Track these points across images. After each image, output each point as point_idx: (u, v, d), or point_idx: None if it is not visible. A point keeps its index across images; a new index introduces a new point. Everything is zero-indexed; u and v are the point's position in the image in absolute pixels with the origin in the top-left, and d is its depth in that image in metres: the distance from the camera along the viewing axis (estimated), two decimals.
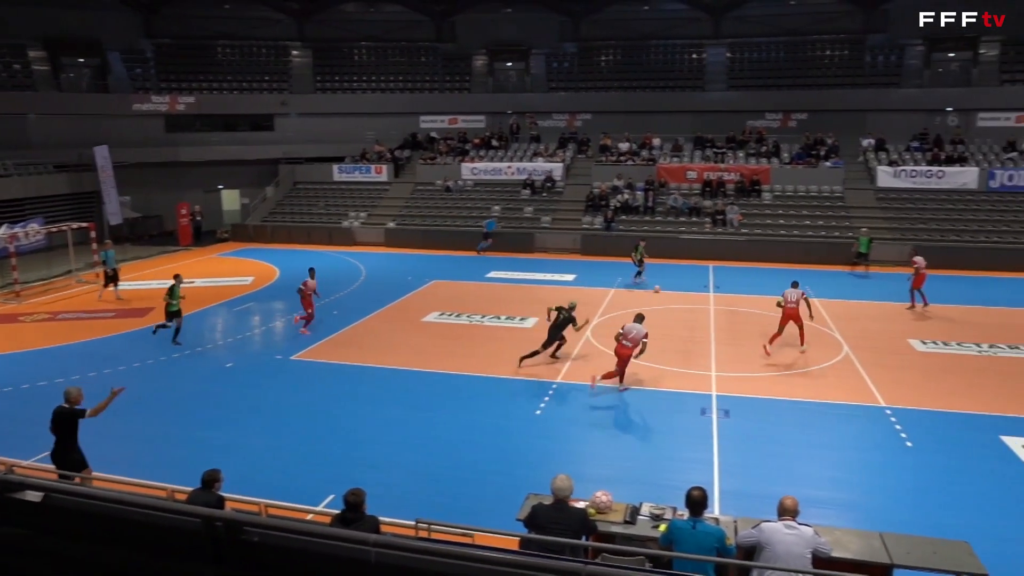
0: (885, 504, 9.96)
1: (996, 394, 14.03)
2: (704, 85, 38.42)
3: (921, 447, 11.69)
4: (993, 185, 30.26)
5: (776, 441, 11.87)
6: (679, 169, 33.19)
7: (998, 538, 8.90)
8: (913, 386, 14.45)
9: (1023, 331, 18.42)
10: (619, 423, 12.68)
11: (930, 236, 28.16)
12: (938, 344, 17.27)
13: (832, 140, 33.52)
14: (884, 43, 37.00)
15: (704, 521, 6.43)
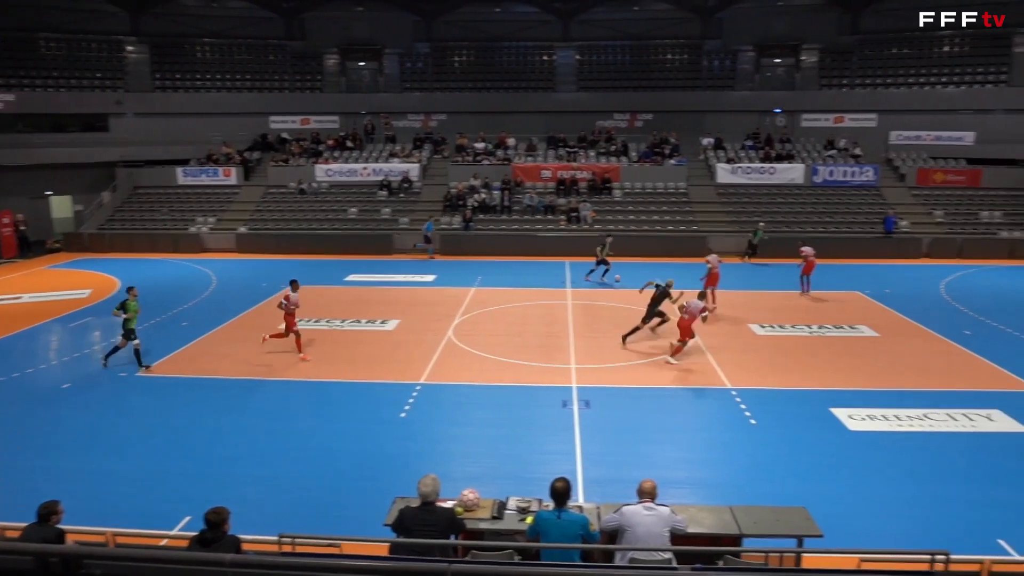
0: (734, 479, 10.63)
1: (825, 370, 15.32)
2: (555, 86, 39.44)
3: (763, 424, 12.57)
4: (817, 180, 32.99)
5: (634, 428, 12.39)
6: (534, 168, 33.89)
7: (831, 500, 9.73)
8: (754, 368, 15.50)
9: (845, 312, 20.23)
10: (484, 421, 12.78)
11: (764, 228, 30.25)
12: (775, 328, 18.63)
13: (675, 139, 35.37)
14: (719, 49, 39.43)
15: (569, 510, 6.61)
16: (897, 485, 10.40)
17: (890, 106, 36.02)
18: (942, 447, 11.68)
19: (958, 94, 35.44)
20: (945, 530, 9.14)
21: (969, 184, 33.01)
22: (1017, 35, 35.54)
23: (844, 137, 35.44)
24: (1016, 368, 15.42)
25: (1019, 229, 30.37)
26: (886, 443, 11.82)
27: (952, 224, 30.97)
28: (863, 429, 12.32)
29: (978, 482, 10.49)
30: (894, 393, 13.96)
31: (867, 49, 37.81)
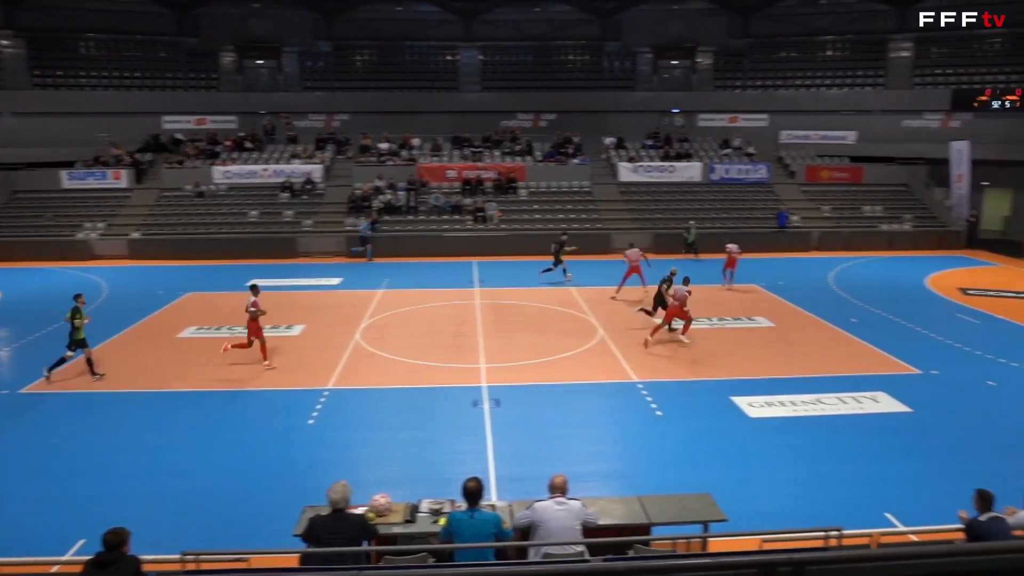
0: (642, 470, 10.91)
1: (726, 361, 15.92)
2: (460, 86, 39.43)
3: (669, 415, 12.95)
4: (714, 178, 34.23)
5: (544, 424, 12.52)
6: (439, 168, 33.77)
7: (734, 485, 10.11)
8: (659, 361, 15.95)
9: (743, 304, 21.07)
10: (394, 424, 12.64)
11: (666, 225, 31.21)
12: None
13: (579, 139, 35.95)
14: (619, 50, 40.34)
15: (481, 509, 6.61)
16: (794, 467, 10.92)
17: (780, 107, 37.76)
18: (834, 429, 12.33)
19: (841, 96, 37.49)
20: (839, 507, 9.64)
21: (852, 181, 34.97)
22: (891, 41, 37.94)
23: (738, 136, 36.90)
24: (898, 352, 16.46)
25: (897, 222, 32.41)
26: (783, 428, 12.38)
27: (838, 218, 32.74)
28: (762, 416, 12.87)
29: (867, 460, 11.13)
30: (789, 380, 14.64)
31: (758, 52, 39.51)
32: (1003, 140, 33.55)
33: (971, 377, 15.02)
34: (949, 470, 10.76)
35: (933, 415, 12.93)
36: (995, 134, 33.76)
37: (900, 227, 32.15)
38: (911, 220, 32.57)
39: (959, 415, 13.01)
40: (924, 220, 32.73)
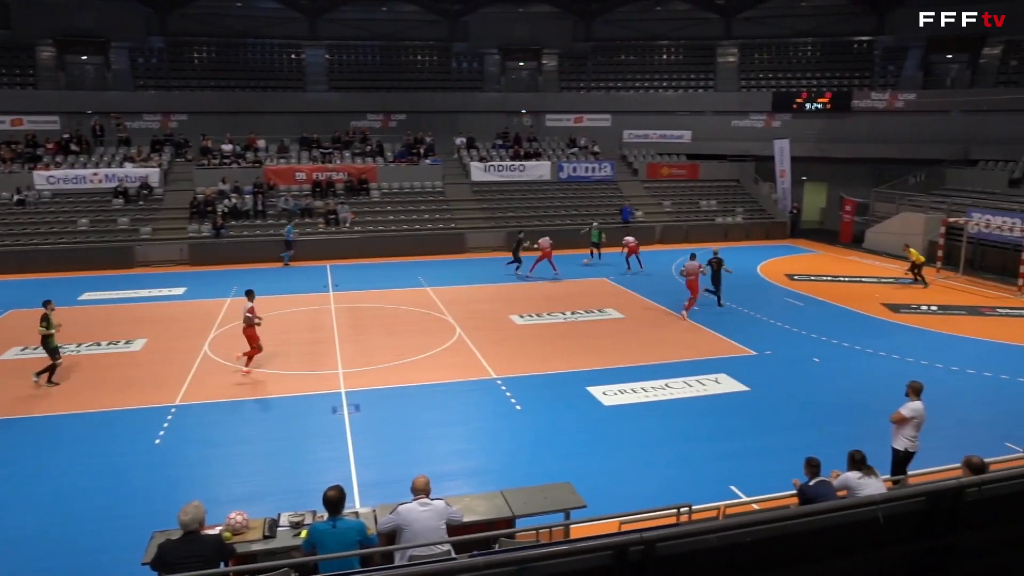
0: (505, 464, 11.06)
1: (580, 353, 16.44)
2: (306, 86, 38.26)
3: (528, 408, 13.21)
4: (563, 176, 35.24)
5: (406, 426, 12.42)
6: (287, 170, 32.64)
7: (593, 472, 10.48)
8: (517, 356, 16.23)
9: (594, 297, 21.84)
10: (250, 437, 12.12)
11: (519, 223, 31.75)
12: (533, 317, 19.64)
13: (430, 139, 35.88)
14: (467, 51, 40.60)
15: (344, 518, 6.47)
16: (647, 450, 11.46)
17: (622, 107, 39.41)
18: (682, 411, 13.06)
19: (676, 97, 39.64)
20: (689, 484, 10.22)
21: (690, 177, 37.12)
22: (719, 47, 40.58)
23: (584, 136, 38.18)
24: (735, 336, 17.65)
25: (731, 215, 34.72)
26: (636, 414, 12.96)
27: (679, 213, 34.63)
28: (616, 403, 13.40)
29: (712, 438, 11.87)
30: (639, 368, 15.33)
31: (599, 55, 41.02)
32: (817, 139, 36.77)
33: (799, 355, 16.35)
34: (784, 441, 11.66)
35: (768, 392, 13.98)
36: (811, 133, 36.93)
37: (733, 220, 34.45)
38: (742, 213, 34.98)
39: (790, 390, 14.14)
40: (754, 213, 35.25)
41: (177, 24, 37.06)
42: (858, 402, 13.41)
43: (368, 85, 38.53)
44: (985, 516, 3.82)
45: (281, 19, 38.12)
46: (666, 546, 3.30)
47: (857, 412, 12.86)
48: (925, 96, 35.48)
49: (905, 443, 9.54)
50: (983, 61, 35.77)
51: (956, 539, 3.74)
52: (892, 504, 3.69)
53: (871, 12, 38.17)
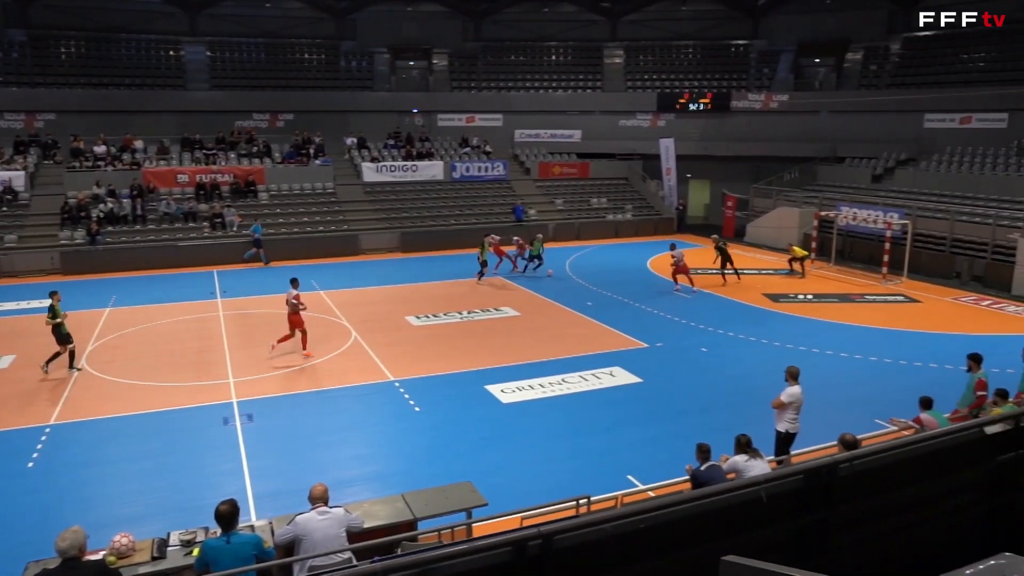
0: (405, 467, 10.96)
1: (478, 352, 16.50)
2: (186, 84, 36.58)
3: (427, 409, 13.15)
4: (455, 176, 35.23)
5: (302, 434, 12.11)
6: (168, 173, 31.12)
7: (493, 470, 10.54)
8: (414, 358, 16.12)
9: (490, 296, 21.96)
10: (135, 454, 11.49)
11: (412, 223, 31.57)
12: (429, 317, 19.55)
13: (319, 139, 35.07)
14: (356, 50, 39.91)
15: (239, 532, 6.24)
16: (547, 445, 11.63)
17: (513, 107, 39.76)
18: (579, 405, 13.32)
19: (566, 97, 40.35)
20: (588, 476, 10.44)
21: (580, 176, 37.89)
22: (606, 48, 41.61)
23: (476, 136, 38.30)
24: (628, 329, 18.17)
25: (621, 212, 35.69)
26: (534, 410, 13.13)
27: (570, 210, 35.29)
28: (515, 400, 13.53)
29: (609, 430, 12.17)
30: (537, 364, 15.54)
31: (490, 55, 41.24)
32: (700, 137, 38.32)
33: (689, 345, 17.01)
34: (677, 429, 12.09)
35: (660, 382, 14.47)
36: (694, 132, 38.44)
37: (623, 217, 35.42)
38: (632, 210, 36.02)
39: (681, 380, 14.70)
40: (642, 209, 36.36)
41: (41, 16, 34.66)
42: (744, 388, 14.08)
43: (253, 84, 37.24)
44: (857, 489, 4.09)
45: (158, 13, 36.33)
46: (564, 538, 3.36)
47: (743, 397, 13.50)
48: (797, 98, 37.59)
49: (786, 425, 10.12)
50: (847, 65, 38.25)
51: (831, 512, 3.99)
52: (773, 483, 3.90)
53: (746, 18, 40.13)
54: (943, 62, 34.93)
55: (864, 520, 4.13)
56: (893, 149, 33.65)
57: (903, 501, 4.28)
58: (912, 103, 33.71)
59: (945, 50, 35.28)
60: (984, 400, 10.58)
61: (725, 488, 3.92)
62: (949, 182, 29.78)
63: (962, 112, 32.66)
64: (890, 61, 37.09)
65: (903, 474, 4.27)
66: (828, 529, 4.01)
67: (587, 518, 3.54)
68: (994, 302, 21.58)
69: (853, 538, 4.11)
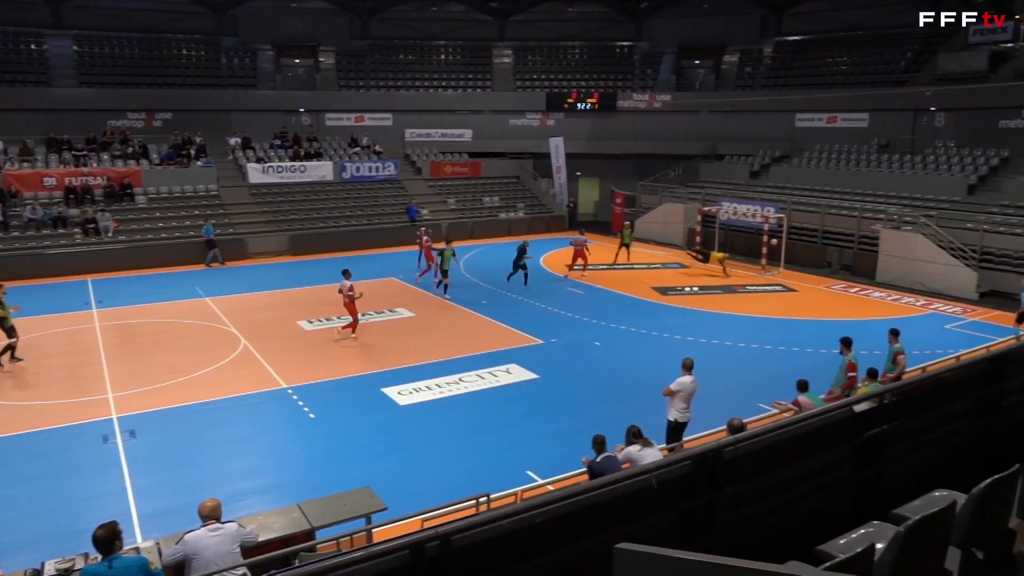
0: (301, 476, 10.68)
1: (373, 354, 16.28)
2: (51, 80, 34.16)
3: (322, 416, 12.86)
4: (345, 176, 34.56)
5: (190, 448, 11.59)
6: (33, 176, 29.01)
7: (392, 473, 10.44)
8: (308, 363, 15.73)
9: (382, 297, 21.69)
10: (3, 479, 10.67)
11: (302, 226, 30.75)
12: (322, 321, 19.12)
13: (200, 139, 33.60)
14: (238, 46, 38.46)
15: (121, 556, 5.91)
16: (447, 445, 11.61)
17: (403, 107, 39.37)
18: (477, 404, 13.38)
19: (456, 97, 40.32)
20: (489, 473, 10.50)
21: (472, 175, 38.00)
22: (495, 48, 41.86)
23: (366, 135, 37.69)
24: (523, 326, 18.38)
25: (513, 211, 36.03)
26: (432, 410, 13.09)
27: (463, 210, 35.33)
28: (412, 402, 13.44)
29: (507, 427, 12.28)
30: (433, 365, 15.48)
31: (378, 53, 40.68)
32: (588, 136, 39.18)
33: (582, 340, 17.38)
34: (573, 423, 12.33)
35: (556, 378, 14.72)
36: (582, 131, 39.25)
37: (516, 215, 35.77)
38: (524, 208, 36.42)
39: (576, 374, 15.01)
40: (534, 208, 36.84)
41: None
42: (636, 379, 14.52)
43: (127, 80, 35.19)
44: (740, 471, 4.30)
45: (16, 4, 33.75)
46: (462, 538, 3.37)
47: (636, 388, 13.91)
48: (678, 98, 39.02)
49: (676, 414, 10.51)
50: (724, 67, 40.05)
51: (718, 495, 4.18)
52: (663, 470, 4.05)
53: (630, 20, 41.32)
54: (811, 65, 37.13)
55: (747, 500, 4.35)
56: (768, 147, 35.53)
57: (783, 479, 4.53)
58: (784, 103, 35.66)
59: (812, 54, 37.53)
60: (855, 380, 11.36)
61: (618, 478, 4.02)
62: (819, 177, 31.74)
63: (828, 112, 34.81)
64: (763, 63, 39.11)
65: (782, 454, 4.53)
66: (714, 511, 4.20)
67: (485, 516, 3.56)
68: (861, 289, 23.18)
69: (737, 517, 4.32)
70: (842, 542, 4.00)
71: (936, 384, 5.65)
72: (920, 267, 22.95)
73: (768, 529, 4.46)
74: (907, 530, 3.38)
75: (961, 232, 23.57)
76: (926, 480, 4.68)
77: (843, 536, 4.06)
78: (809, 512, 4.67)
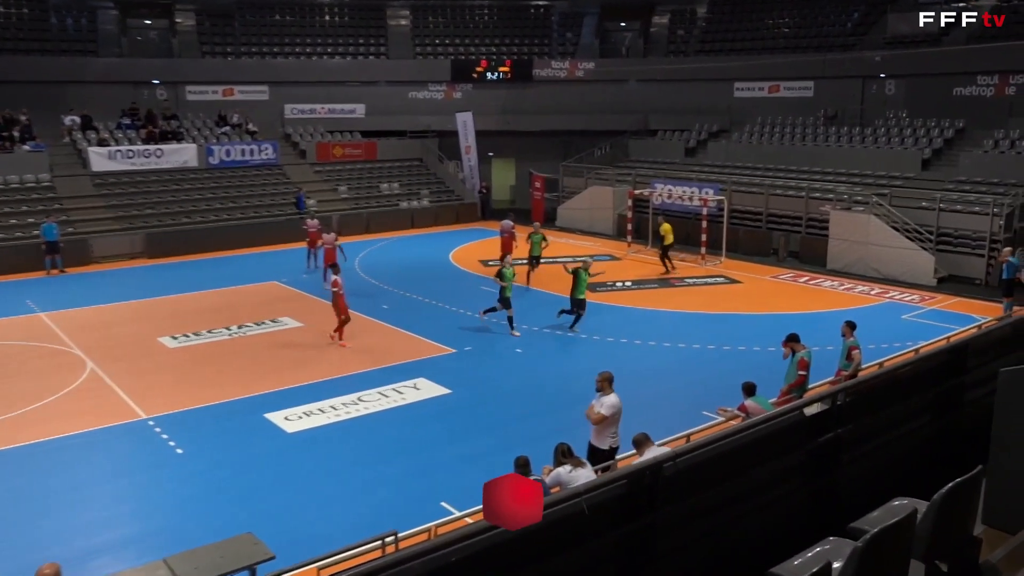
0: (169, 524, 10.35)
1: (254, 374, 15.93)
2: None
3: (193, 450, 12.49)
4: (213, 161, 33.66)
5: (24, 500, 11.04)
6: None
7: (281, 514, 10.26)
8: (173, 388, 15.25)
9: (262, 306, 21.25)
10: None
11: (160, 222, 29.75)
12: (189, 337, 18.57)
13: (26, 118, 32.01)
14: (71, 3, 36.90)
15: None
16: (344, 478, 11.47)
17: (281, 78, 38.62)
18: (379, 426, 13.29)
19: (345, 65, 39.84)
20: (395, 508, 10.43)
21: (367, 157, 37.67)
22: (389, 7, 41.59)
23: (237, 112, 36.79)
24: (432, 334, 18.36)
25: (416, 199, 35.91)
26: (327, 437, 12.92)
27: (357, 199, 34.98)
28: (302, 428, 13.23)
29: (416, 452, 12.24)
30: (327, 383, 15.28)
31: (249, 13, 39.82)
32: (501, 111, 39.42)
33: (500, 348, 17.49)
34: (493, 443, 12.39)
35: (471, 392, 14.77)
36: (494, 105, 39.46)
37: (420, 204, 35.67)
38: (429, 196, 36.36)
39: (494, 387, 15.11)
40: (441, 195, 36.82)
41: None
42: (564, 390, 14.69)
43: None
44: (683, 487, 4.42)
45: None
46: None
47: (564, 401, 14.07)
48: (603, 65, 39.73)
49: (610, 441, 10.33)
50: (653, 30, 41.03)
51: (657, 516, 4.28)
52: (596, 493, 4.12)
53: None
54: (749, 28, 38.47)
55: (691, 520, 4.48)
56: (705, 120, 36.61)
57: (730, 495, 4.69)
58: (721, 71, 36.84)
59: (751, 15, 38.89)
60: (805, 379, 11.84)
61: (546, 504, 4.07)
62: (761, 154, 32.93)
63: (770, 80, 36.16)
64: (697, 26, 40.27)
65: (728, 467, 4.68)
66: (655, 535, 4.30)
67: (393, 558, 3.55)
68: (811, 278, 24.16)
69: (680, 541, 4.45)
70: (796, 563, 4.17)
71: (893, 381, 5.96)
72: (874, 252, 24.10)
73: (715, 552, 4.61)
74: (865, 545, 3.54)
75: (916, 212, 24.87)
76: (884, 488, 4.92)
77: (798, 556, 4.22)
78: (759, 530, 4.85)
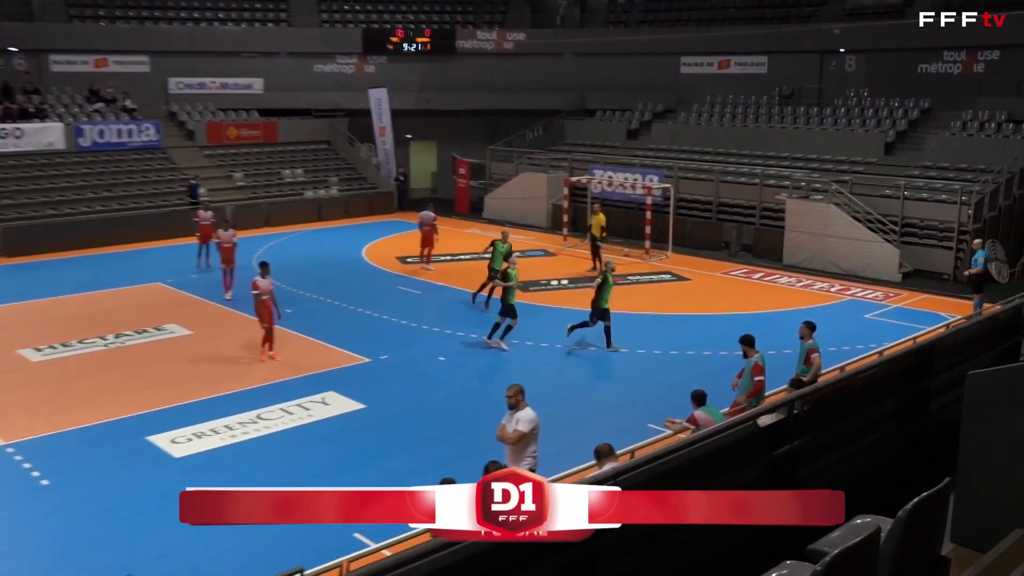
0: (30, 569, 10.07)
1: (134, 391, 15.56)
2: None
3: (60, 481, 12.14)
4: (84, 143, 32.74)
5: None
6: None
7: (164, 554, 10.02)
8: (36, 409, 14.82)
9: (144, 311, 20.77)
10: None
11: (20, 214, 28.79)
12: (56, 348, 18.04)
13: None
14: None
15: None
16: None
17: (164, 47, 37.69)
18: (282, 448, 13.13)
19: (239, 33, 39.18)
20: (302, 542, 10.24)
21: (266, 140, 37.14)
22: None
23: (111, 86, 35.88)
24: (343, 341, 18.23)
25: (324, 187, 35.56)
26: (221, 462, 12.70)
27: (255, 187, 34.48)
28: (192, 452, 12.98)
29: (324, 476, 12.12)
30: (221, 399, 15.02)
31: None
32: (420, 87, 39.29)
33: (421, 355, 17.44)
34: (413, 464, 12.36)
35: (388, 406, 14.75)
36: (413, 81, 39.34)
37: (328, 193, 35.34)
38: (338, 184, 36.06)
39: (414, 400, 15.09)
40: (352, 182, 36.56)
41: None
42: (494, 402, 14.61)
43: None
44: None
45: None
46: None
47: (493, 414, 13.99)
48: (535, 36, 39.93)
49: (530, 461, 10.20)
50: None
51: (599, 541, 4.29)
52: None
53: None
54: None
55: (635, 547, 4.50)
56: (649, 99, 37.08)
57: None
58: (666, 44, 37.32)
59: None
60: (762, 385, 12.08)
61: None
62: (711, 136, 33.54)
63: (720, 55, 36.85)
64: None
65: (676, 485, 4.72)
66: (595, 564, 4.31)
67: None
68: (766, 274, 24.72)
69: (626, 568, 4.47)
70: None
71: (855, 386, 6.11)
72: (833, 245, 24.76)
73: None
74: (825, 568, 3.63)
75: (879, 200, 25.65)
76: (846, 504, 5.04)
77: None
78: (710, 556, 4.91)
